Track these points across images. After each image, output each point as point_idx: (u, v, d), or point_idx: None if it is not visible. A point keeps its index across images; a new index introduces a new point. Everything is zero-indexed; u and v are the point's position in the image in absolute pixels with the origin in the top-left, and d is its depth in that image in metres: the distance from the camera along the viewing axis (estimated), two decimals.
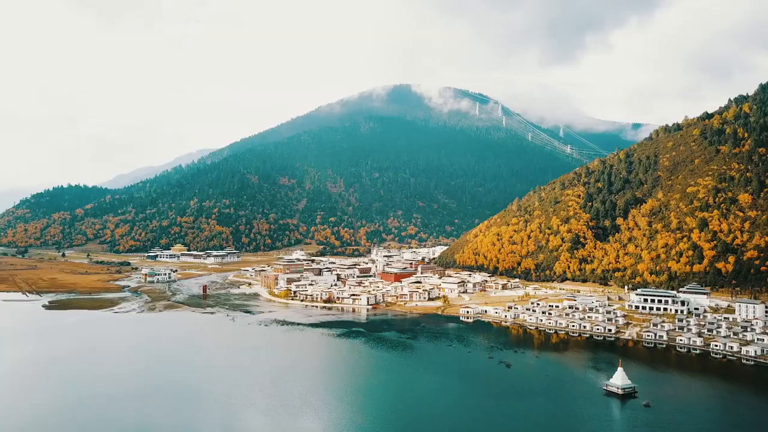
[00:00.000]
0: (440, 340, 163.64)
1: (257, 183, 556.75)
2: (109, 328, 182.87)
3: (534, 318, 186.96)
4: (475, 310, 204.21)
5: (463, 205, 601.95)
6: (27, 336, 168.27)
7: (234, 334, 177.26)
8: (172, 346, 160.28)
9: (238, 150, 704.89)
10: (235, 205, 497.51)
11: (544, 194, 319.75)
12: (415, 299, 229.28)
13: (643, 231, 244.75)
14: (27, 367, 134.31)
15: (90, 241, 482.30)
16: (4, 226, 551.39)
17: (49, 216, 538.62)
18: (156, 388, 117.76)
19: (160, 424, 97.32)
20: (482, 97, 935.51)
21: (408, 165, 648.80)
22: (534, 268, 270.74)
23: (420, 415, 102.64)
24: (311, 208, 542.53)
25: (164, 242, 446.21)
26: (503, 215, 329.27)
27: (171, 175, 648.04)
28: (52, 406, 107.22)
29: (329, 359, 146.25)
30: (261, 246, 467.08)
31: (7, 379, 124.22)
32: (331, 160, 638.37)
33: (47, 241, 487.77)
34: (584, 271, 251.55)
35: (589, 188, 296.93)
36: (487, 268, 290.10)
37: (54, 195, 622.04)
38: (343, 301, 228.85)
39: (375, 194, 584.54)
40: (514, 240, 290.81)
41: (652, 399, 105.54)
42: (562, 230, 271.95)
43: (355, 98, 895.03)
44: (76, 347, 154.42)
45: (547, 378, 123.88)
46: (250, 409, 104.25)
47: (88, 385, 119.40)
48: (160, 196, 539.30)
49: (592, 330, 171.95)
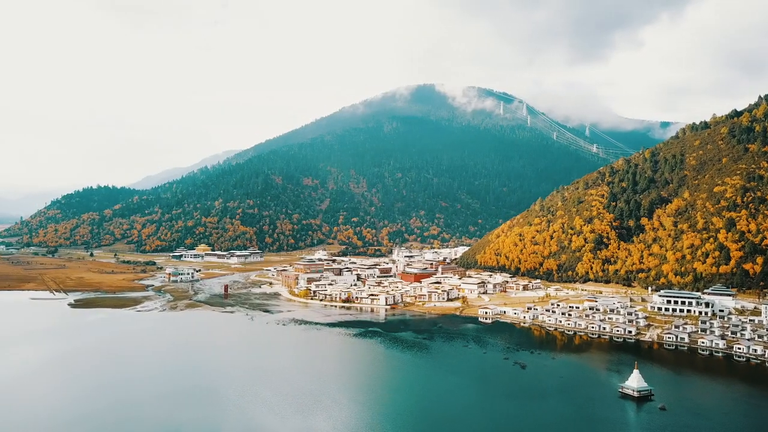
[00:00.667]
0: (456, 340, 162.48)
1: (281, 183, 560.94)
2: (129, 326, 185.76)
3: (553, 319, 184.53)
4: (494, 311, 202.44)
5: (486, 205, 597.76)
6: (49, 334, 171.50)
7: (251, 333, 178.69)
8: (189, 344, 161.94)
9: (262, 151, 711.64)
10: (259, 206, 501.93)
11: (568, 194, 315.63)
12: (434, 300, 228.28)
13: (668, 231, 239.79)
14: (46, 364, 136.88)
15: (117, 241, 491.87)
16: (36, 226, 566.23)
17: (78, 216, 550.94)
18: (167, 385, 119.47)
19: (165, 421, 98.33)
20: (507, 97, 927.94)
21: (431, 165, 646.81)
22: (556, 268, 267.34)
23: (428, 414, 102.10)
24: (334, 209, 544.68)
25: (189, 242, 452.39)
26: (526, 215, 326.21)
27: (196, 176, 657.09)
28: (64, 400, 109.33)
29: (343, 359, 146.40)
30: (284, 246, 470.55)
31: (27, 376, 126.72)
32: (354, 160, 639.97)
33: (76, 241, 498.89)
34: (607, 272, 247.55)
35: (613, 188, 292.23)
36: (509, 269, 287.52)
37: (84, 196, 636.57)
38: (362, 301, 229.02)
39: (397, 194, 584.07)
40: (536, 240, 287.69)
41: (668, 402, 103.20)
42: (585, 230, 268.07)
43: (379, 99, 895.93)
44: (94, 345, 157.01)
45: (561, 379, 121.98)
46: (261, 408, 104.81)
47: (100, 381, 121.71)
48: (186, 197, 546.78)
49: (611, 331, 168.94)
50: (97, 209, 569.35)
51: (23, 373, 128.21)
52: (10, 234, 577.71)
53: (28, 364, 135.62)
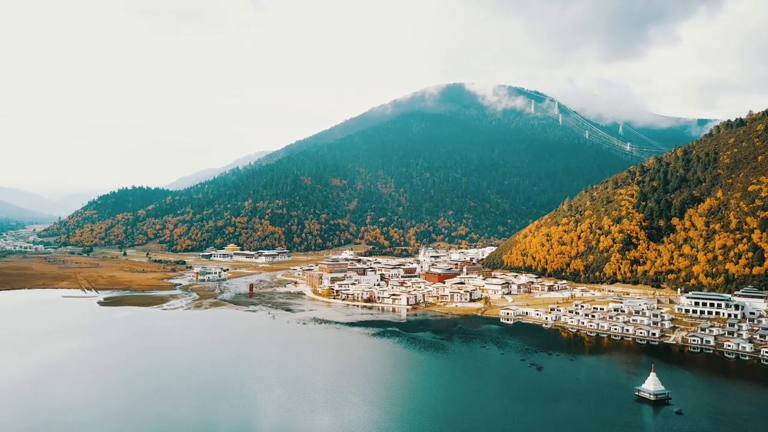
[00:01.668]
0: (474, 341, 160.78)
1: (310, 184, 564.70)
2: (153, 324, 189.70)
3: (575, 320, 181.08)
4: (516, 311, 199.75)
5: (516, 205, 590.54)
6: (75, 331, 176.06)
7: (270, 331, 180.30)
8: (206, 341, 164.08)
9: (292, 152, 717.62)
10: (288, 206, 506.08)
11: (596, 193, 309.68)
12: (456, 300, 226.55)
13: (699, 231, 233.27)
14: (65, 361, 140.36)
15: (150, 240, 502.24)
16: (73, 226, 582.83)
17: (113, 217, 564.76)
18: (176, 381, 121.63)
19: (171, 417, 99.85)
20: (538, 95, 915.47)
21: (460, 164, 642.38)
22: (583, 269, 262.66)
23: (434, 414, 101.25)
24: (362, 209, 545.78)
25: (219, 242, 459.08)
26: (554, 215, 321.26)
27: (228, 177, 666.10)
28: (77, 395, 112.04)
29: (358, 358, 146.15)
30: (312, 246, 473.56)
31: (48, 370, 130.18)
32: (383, 160, 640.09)
33: (111, 240, 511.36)
34: (635, 272, 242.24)
35: (644, 187, 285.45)
36: (535, 270, 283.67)
37: (119, 197, 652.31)
38: (384, 300, 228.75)
39: (425, 194, 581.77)
40: (563, 240, 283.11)
41: (687, 406, 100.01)
42: (613, 230, 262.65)
43: (408, 98, 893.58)
44: (116, 342, 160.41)
45: (576, 382, 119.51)
46: (272, 404, 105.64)
47: (114, 378, 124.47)
48: (217, 197, 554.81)
49: (635, 334, 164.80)
50: (132, 210, 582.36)
51: (39, 369, 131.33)
52: (49, 234, 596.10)
53: (48, 361, 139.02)
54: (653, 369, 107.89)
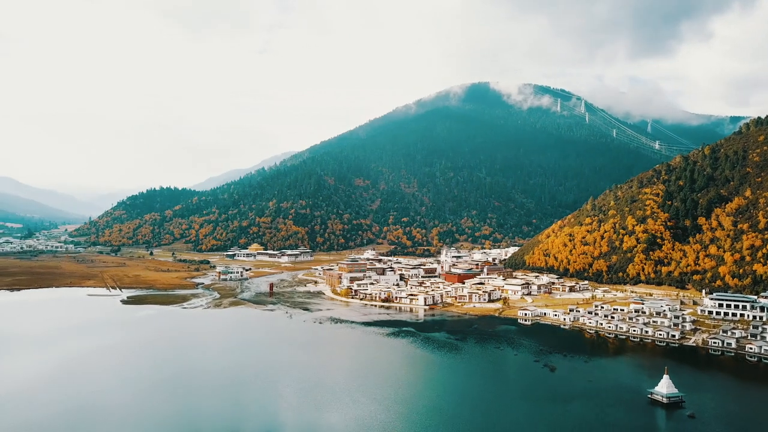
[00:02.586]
0: (489, 342, 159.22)
1: (333, 184, 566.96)
2: (171, 322, 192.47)
3: (594, 322, 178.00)
4: (534, 312, 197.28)
5: (541, 205, 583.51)
6: (95, 328, 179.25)
7: (286, 330, 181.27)
8: (221, 340, 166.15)
9: (317, 152, 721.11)
10: (311, 206, 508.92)
11: (621, 193, 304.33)
12: (474, 300, 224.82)
13: (726, 231, 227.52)
14: (85, 356, 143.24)
15: (176, 240, 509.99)
16: (103, 226, 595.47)
17: (141, 217, 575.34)
18: (181, 377, 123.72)
19: (178, 413, 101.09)
20: (564, 93, 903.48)
21: (484, 164, 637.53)
22: (606, 270, 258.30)
23: (440, 414, 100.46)
24: (384, 209, 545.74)
25: (243, 242, 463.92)
26: (577, 215, 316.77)
27: (253, 178, 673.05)
28: (90, 388, 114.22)
29: (369, 357, 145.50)
30: (334, 246, 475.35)
31: (66, 366, 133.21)
32: (406, 160, 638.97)
33: (138, 240, 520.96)
34: (660, 273, 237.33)
35: (670, 186, 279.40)
36: (557, 270, 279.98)
37: (147, 197, 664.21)
38: (401, 300, 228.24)
39: (449, 194, 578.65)
40: (586, 241, 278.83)
41: (701, 410, 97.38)
42: (637, 230, 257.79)
43: (432, 98, 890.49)
44: (131, 339, 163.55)
45: (589, 383, 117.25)
46: (281, 402, 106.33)
47: (120, 371, 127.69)
48: (242, 198, 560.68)
49: (654, 335, 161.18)
50: (159, 210, 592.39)
51: (57, 364, 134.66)
52: (79, 233, 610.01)
53: (66, 357, 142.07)
54: (666, 371, 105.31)
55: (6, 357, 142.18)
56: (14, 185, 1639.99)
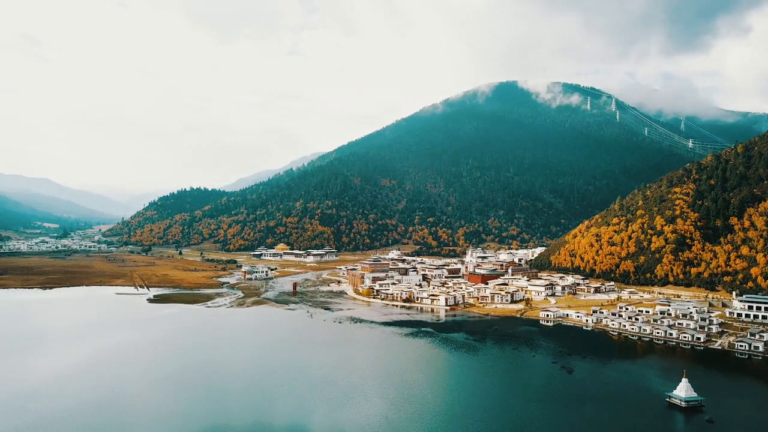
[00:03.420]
0: (508, 343, 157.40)
1: (359, 184, 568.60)
2: (193, 320, 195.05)
3: (617, 323, 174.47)
4: (556, 313, 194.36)
5: (570, 205, 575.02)
6: (119, 325, 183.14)
7: (305, 329, 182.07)
8: (239, 338, 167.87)
9: (343, 153, 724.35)
10: (337, 206, 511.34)
11: (650, 192, 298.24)
12: (497, 301, 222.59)
13: (759, 231, 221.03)
14: (108, 353, 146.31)
15: (205, 240, 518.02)
16: (135, 226, 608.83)
17: (171, 217, 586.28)
18: (193, 374, 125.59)
19: (186, 411, 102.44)
20: (594, 91, 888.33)
21: (512, 163, 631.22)
22: (633, 270, 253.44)
23: (451, 414, 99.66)
24: (410, 209, 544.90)
25: (270, 241, 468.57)
26: (605, 215, 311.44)
27: (281, 178, 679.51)
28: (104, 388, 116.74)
29: (384, 357, 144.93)
30: (360, 246, 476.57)
31: (89, 362, 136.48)
32: (432, 160, 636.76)
33: (168, 240, 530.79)
34: (689, 274, 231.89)
35: (700, 185, 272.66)
36: (583, 271, 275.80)
37: (178, 198, 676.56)
38: (423, 301, 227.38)
39: (475, 194, 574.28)
40: (613, 241, 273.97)
41: (720, 414, 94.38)
42: (666, 230, 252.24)
43: (459, 97, 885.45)
44: (150, 336, 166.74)
45: (606, 386, 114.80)
46: (292, 400, 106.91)
47: (132, 368, 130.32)
48: (270, 198, 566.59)
49: (678, 338, 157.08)
50: (189, 210, 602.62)
51: (82, 360, 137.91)
52: (112, 233, 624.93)
53: (89, 354, 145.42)
54: (685, 374, 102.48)
55: (36, 352, 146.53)
56: (52, 186, 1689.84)
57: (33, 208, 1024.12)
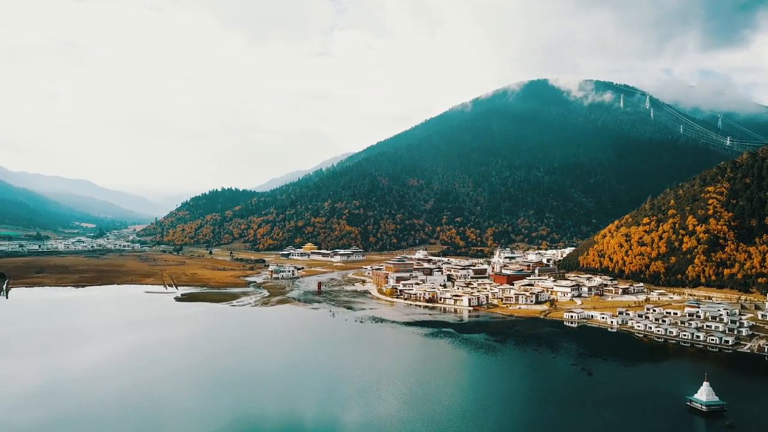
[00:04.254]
0: (528, 344, 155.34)
1: (387, 184, 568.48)
2: (217, 318, 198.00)
3: (642, 325, 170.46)
4: (581, 314, 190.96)
5: (601, 204, 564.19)
6: (144, 323, 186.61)
7: (326, 328, 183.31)
8: (260, 336, 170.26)
9: (372, 153, 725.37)
10: (365, 206, 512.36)
11: (682, 191, 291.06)
12: (521, 302, 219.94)
13: None
14: (129, 350, 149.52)
15: (235, 240, 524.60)
16: (168, 226, 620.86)
17: (203, 217, 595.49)
18: (211, 370, 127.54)
19: (193, 409, 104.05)
20: (628, 89, 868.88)
21: (542, 163, 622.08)
22: (664, 271, 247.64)
23: (463, 414, 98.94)
24: (438, 209, 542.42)
25: (298, 241, 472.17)
26: (635, 215, 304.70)
27: (310, 179, 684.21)
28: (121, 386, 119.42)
29: (402, 357, 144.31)
30: (387, 245, 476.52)
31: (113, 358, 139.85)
32: (460, 159, 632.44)
33: (199, 240, 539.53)
34: (721, 275, 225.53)
35: (735, 184, 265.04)
36: (612, 271, 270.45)
37: (209, 198, 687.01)
38: (445, 301, 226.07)
39: (505, 193, 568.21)
40: (643, 241, 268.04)
41: (743, 419, 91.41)
42: (698, 230, 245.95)
43: (489, 96, 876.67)
44: (174, 334, 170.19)
45: (625, 388, 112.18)
46: (305, 398, 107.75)
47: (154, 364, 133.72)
48: (299, 198, 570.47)
49: (706, 340, 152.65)
50: (221, 210, 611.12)
51: (104, 357, 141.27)
52: (146, 233, 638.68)
53: (112, 351, 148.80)
54: (706, 378, 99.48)
55: (66, 348, 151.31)
56: (90, 187, 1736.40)
57: (72, 208, 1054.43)
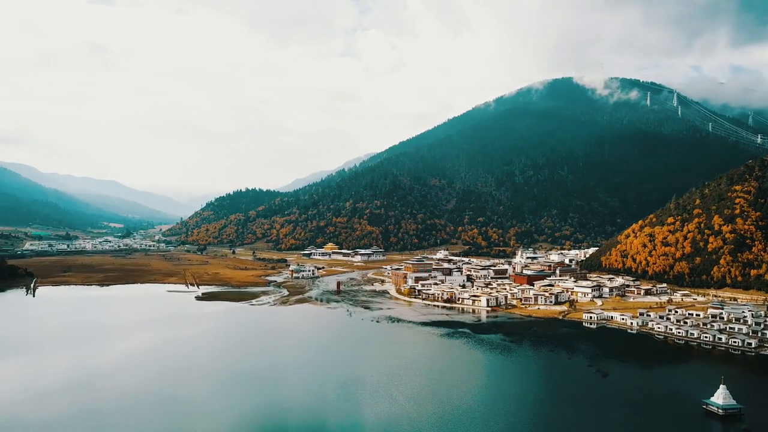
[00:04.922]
0: (545, 345, 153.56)
1: (408, 184, 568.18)
2: (235, 317, 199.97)
3: (663, 326, 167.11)
4: (600, 315, 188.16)
5: (627, 204, 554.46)
6: (164, 321, 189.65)
7: (342, 327, 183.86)
8: (275, 335, 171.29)
9: (394, 153, 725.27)
10: (386, 206, 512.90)
11: (708, 191, 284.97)
12: (540, 302, 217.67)
13: None
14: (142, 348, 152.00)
15: (258, 240, 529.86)
16: (193, 226, 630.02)
17: (227, 217, 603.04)
18: (220, 368, 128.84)
19: (203, 407, 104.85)
20: (655, 86, 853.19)
21: (566, 162, 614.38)
22: (688, 272, 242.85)
23: (473, 415, 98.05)
24: (460, 208, 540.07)
25: (320, 241, 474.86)
26: (659, 214, 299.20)
27: (333, 179, 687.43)
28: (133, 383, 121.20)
29: (417, 357, 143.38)
30: (408, 245, 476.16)
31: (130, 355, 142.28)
32: (483, 159, 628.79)
33: (223, 240, 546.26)
34: (748, 276, 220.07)
35: (763, 183, 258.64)
36: (635, 272, 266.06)
37: (233, 198, 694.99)
38: (464, 301, 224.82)
39: (528, 193, 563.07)
40: (668, 241, 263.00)
41: (760, 424, 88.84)
42: (724, 230, 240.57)
43: (512, 94, 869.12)
44: (190, 332, 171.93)
45: (640, 391, 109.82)
46: (317, 397, 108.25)
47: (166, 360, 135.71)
48: (321, 199, 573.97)
49: (728, 343, 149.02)
50: (244, 210, 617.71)
51: (120, 355, 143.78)
52: (171, 233, 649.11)
53: (128, 349, 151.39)
54: (723, 380, 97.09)
55: (90, 345, 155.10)
56: (118, 188, 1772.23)
57: (101, 209, 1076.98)
